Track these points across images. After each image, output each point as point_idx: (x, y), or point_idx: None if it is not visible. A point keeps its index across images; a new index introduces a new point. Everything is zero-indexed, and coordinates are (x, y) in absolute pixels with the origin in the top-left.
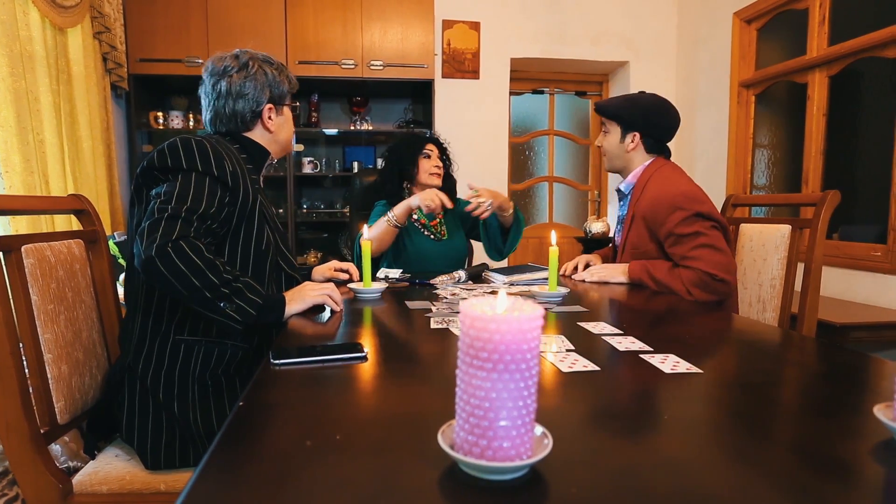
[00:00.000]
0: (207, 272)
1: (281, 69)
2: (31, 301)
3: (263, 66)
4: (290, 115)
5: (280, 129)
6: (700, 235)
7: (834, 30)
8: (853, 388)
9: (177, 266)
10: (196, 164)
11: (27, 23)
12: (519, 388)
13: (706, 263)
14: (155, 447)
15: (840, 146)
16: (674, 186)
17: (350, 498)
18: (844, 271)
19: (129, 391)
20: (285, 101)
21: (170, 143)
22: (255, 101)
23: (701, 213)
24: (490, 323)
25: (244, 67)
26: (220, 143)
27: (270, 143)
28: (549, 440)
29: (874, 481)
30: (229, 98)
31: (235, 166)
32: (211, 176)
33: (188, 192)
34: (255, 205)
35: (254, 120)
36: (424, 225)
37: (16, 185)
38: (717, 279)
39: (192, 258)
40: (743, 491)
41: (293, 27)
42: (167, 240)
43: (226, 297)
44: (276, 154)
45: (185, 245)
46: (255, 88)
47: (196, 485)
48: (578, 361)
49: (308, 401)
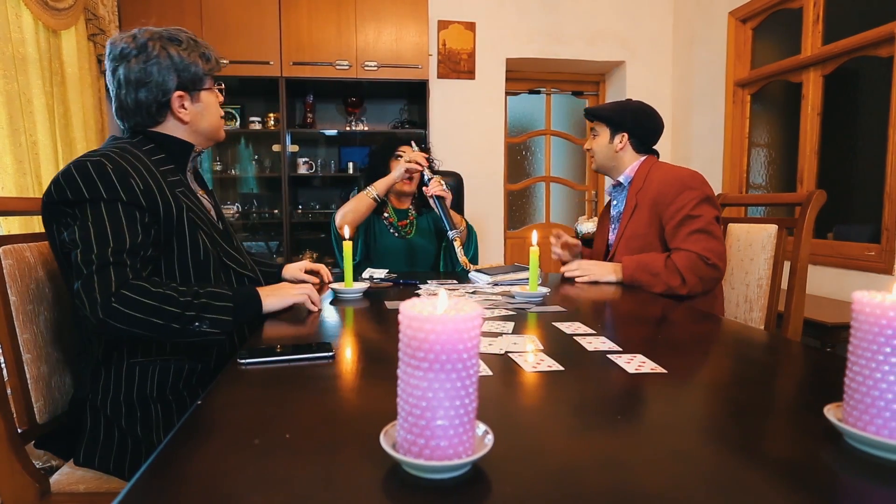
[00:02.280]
0: (165, 307)
1: (192, 47)
2: (8, 301)
3: (167, 46)
4: (213, 101)
5: (199, 119)
6: (700, 219)
7: (828, 29)
8: (816, 388)
9: (131, 316)
10: (100, 191)
11: (20, 25)
12: (456, 387)
13: (701, 247)
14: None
15: (835, 145)
16: (682, 171)
17: (285, 496)
18: (839, 271)
19: (91, 421)
20: (202, 86)
21: (65, 172)
22: (161, 90)
23: (710, 198)
24: (425, 323)
25: (142, 49)
26: (126, 153)
27: (190, 134)
28: (490, 439)
29: (817, 481)
30: (129, 87)
31: (147, 179)
32: (121, 202)
33: (104, 229)
34: (182, 214)
35: (162, 111)
36: (392, 223)
37: (8, 186)
38: (709, 263)
39: (142, 302)
40: (677, 490)
41: (287, 28)
42: (108, 296)
43: (195, 318)
44: (201, 145)
45: (129, 292)
46: (159, 73)
47: (136, 483)
48: (544, 361)
49: (267, 400)
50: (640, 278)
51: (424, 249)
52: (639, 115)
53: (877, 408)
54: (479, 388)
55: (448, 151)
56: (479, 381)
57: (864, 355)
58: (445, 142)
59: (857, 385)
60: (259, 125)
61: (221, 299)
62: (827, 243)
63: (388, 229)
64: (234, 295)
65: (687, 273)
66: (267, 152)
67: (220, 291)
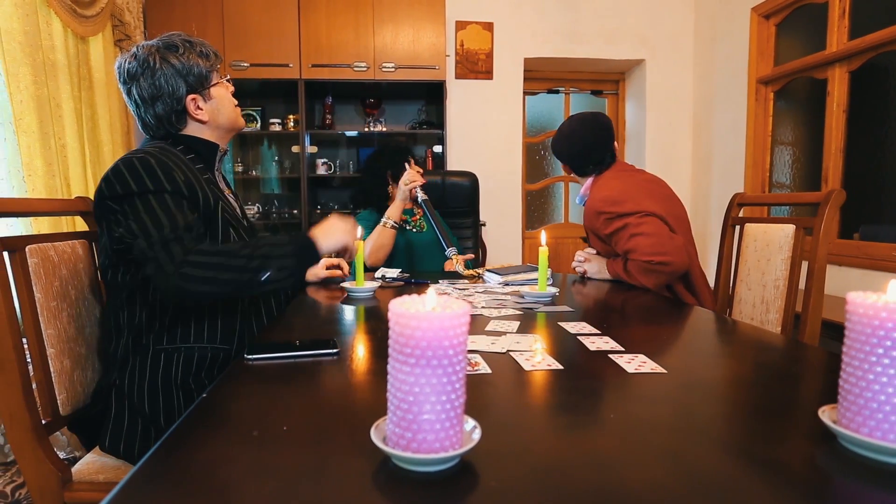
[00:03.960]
0: (229, 261)
1: (189, 48)
2: (34, 298)
3: (167, 55)
4: (224, 93)
5: (216, 114)
6: (628, 227)
7: (855, 23)
8: (815, 389)
9: (202, 276)
10: (146, 184)
11: (50, 33)
12: (442, 382)
13: (639, 252)
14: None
15: (861, 144)
16: (596, 195)
17: (276, 484)
18: (864, 272)
19: (116, 409)
20: (209, 83)
21: (114, 169)
22: (174, 99)
23: (621, 214)
24: (412, 319)
25: (145, 66)
26: (165, 152)
27: (211, 132)
28: (478, 434)
29: (807, 482)
30: (146, 104)
31: (187, 173)
32: (167, 192)
33: (157, 216)
34: (218, 207)
35: (181, 117)
36: (406, 220)
37: (38, 187)
38: (654, 263)
39: (206, 262)
40: (661, 489)
41: (306, 31)
42: (174, 266)
43: (260, 267)
44: (222, 140)
45: (192, 258)
46: (167, 84)
47: (140, 469)
48: (544, 360)
49: (269, 394)
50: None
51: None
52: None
53: (870, 409)
54: (477, 385)
55: (466, 151)
56: (477, 380)
57: (858, 356)
58: (463, 142)
59: (851, 386)
60: (279, 127)
61: (281, 247)
62: (853, 244)
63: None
64: (293, 241)
65: (642, 277)
66: (287, 153)
67: (275, 241)
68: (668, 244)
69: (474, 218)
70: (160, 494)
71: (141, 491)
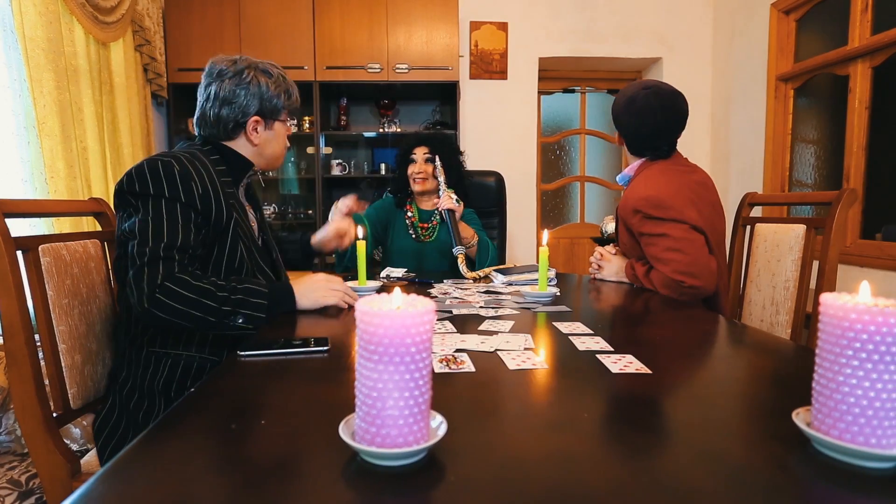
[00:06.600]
0: (203, 300)
1: (280, 83)
2: (47, 296)
3: (260, 76)
4: (282, 132)
5: (266, 145)
6: (667, 238)
7: (878, 18)
8: (798, 390)
9: (172, 307)
10: (163, 189)
11: (72, 39)
12: (405, 379)
13: (672, 268)
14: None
15: (884, 141)
16: (640, 190)
17: (241, 476)
18: (887, 273)
19: (110, 402)
20: (278, 117)
21: (138, 167)
22: (242, 111)
23: (665, 219)
24: (375, 317)
25: (238, 74)
26: (194, 159)
27: (255, 156)
28: (443, 430)
29: (772, 485)
30: (216, 102)
31: (206, 185)
32: (179, 202)
33: (161, 225)
34: (231, 222)
35: (237, 129)
36: (413, 223)
37: (60, 189)
38: (684, 286)
39: (183, 295)
40: (622, 489)
41: (321, 34)
42: (154, 287)
43: (231, 313)
44: (260, 167)
45: (172, 284)
46: (245, 97)
47: (115, 462)
48: (529, 360)
49: (255, 389)
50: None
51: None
52: (628, 115)
53: (839, 411)
54: (458, 383)
55: (481, 151)
56: (460, 378)
57: (829, 357)
58: (478, 142)
59: (822, 388)
60: (295, 128)
61: (257, 296)
62: (874, 244)
63: (407, 229)
64: (270, 292)
65: (663, 289)
66: (303, 154)
67: (256, 288)
68: (704, 268)
69: (500, 218)
70: (129, 485)
71: (110, 482)
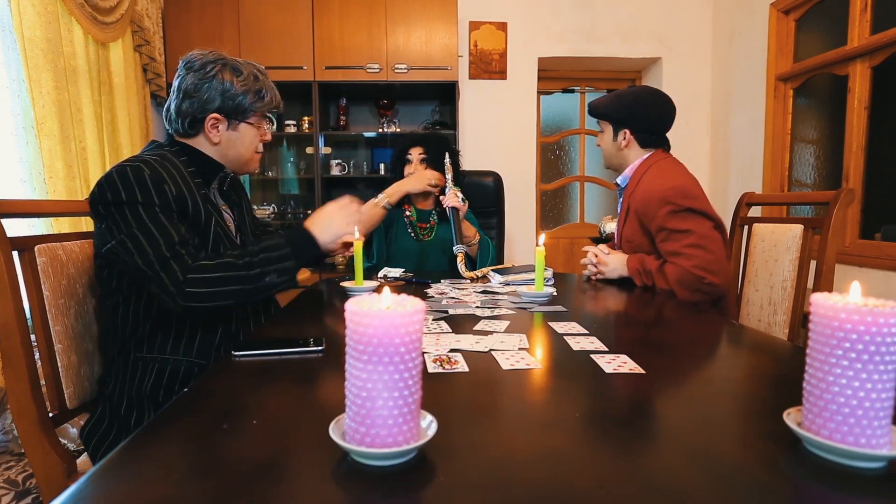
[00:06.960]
0: (230, 273)
1: (250, 83)
2: (42, 296)
3: (226, 72)
4: (251, 135)
5: (229, 146)
6: (691, 234)
7: (877, 18)
8: (791, 390)
9: (206, 293)
10: (136, 195)
11: (71, 39)
12: (394, 379)
13: (694, 263)
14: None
15: (884, 141)
16: (667, 180)
17: (231, 474)
18: (886, 273)
19: (101, 406)
20: (245, 118)
21: (107, 176)
22: (201, 107)
23: (692, 209)
24: (364, 317)
25: (203, 67)
26: (164, 160)
27: (219, 156)
28: (433, 430)
29: (762, 485)
30: (180, 94)
31: (180, 186)
32: (156, 206)
33: (149, 230)
34: (210, 223)
35: (195, 126)
36: (412, 223)
37: (59, 189)
38: (704, 282)
39: (208, 277)
40: (611, 488)
41: (320, 34)
42: (179, 285)
43: (262, 275)
44: (231, 169)
45: (194, 274)
46: (206, 92)
47: (107, 462)
48: (523, 360)
49: (248, 389)
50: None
51: (437, 259)
52: (639, 107)
53: (829, 411)
54: (451, 383)
55: (480, 152)
56: (452, 378)
57: (819, 357)
58: (477, 142)
59: (812, 388)
60: (294, 128)
61: (277, 249)
62: (874, 244)
63: (407, 229)
64: (288, 241)
65: (677, 286)
66: (302, 154)
67: (273, 243)
68: (724, 267)
69: (499, 218)
70: (121, 484)
71: (102, 481)
